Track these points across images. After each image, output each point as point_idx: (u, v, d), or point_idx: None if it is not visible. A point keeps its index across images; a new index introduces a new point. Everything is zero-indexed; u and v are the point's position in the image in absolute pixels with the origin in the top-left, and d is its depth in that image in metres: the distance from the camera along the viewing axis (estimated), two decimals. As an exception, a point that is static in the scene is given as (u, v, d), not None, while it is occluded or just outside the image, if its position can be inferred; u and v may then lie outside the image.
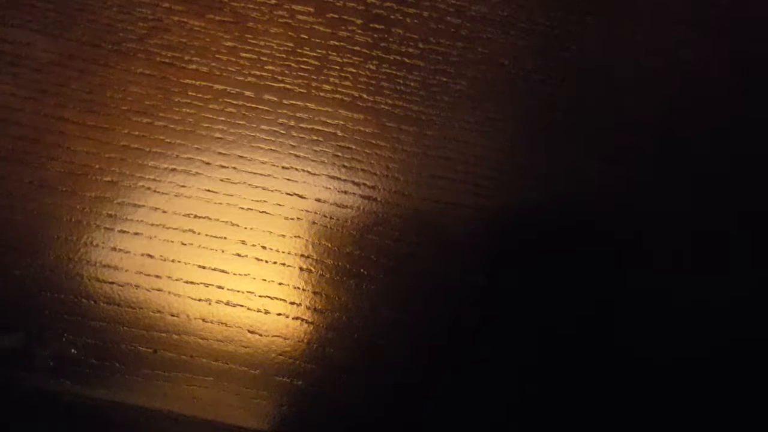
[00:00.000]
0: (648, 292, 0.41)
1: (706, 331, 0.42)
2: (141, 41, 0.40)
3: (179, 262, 0.40)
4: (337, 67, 0.41)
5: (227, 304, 0.40)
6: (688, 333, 0.41)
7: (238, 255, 0.40)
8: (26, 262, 0.39)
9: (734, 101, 0.42)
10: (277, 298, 0.40)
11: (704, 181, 0.42)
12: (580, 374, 0.41)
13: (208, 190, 0.40)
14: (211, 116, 0.40)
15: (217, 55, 0.40)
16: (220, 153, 0.40)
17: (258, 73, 0.40)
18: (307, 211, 0.40)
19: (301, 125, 0.41)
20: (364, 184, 0.41)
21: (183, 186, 0.40)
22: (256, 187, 0.40)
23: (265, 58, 0.40)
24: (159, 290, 0.40)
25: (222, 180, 0.40)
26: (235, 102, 0.40)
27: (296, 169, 0.40)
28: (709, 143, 0.42)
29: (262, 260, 0.40)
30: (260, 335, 0.40)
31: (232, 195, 0.40)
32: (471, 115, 0.41)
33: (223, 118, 0.40)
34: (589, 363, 0.41)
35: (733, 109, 0.42)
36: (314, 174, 0.41)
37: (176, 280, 0.40)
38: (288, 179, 0.40)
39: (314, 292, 0.40)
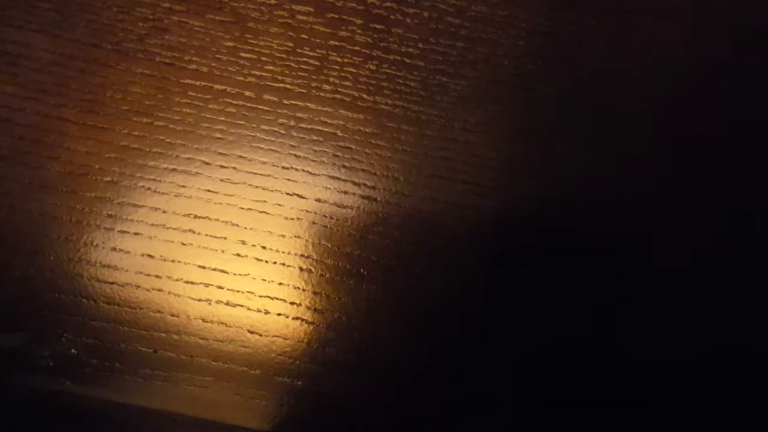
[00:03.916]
0: (648, 292, 0.41)
1: (707, 332, 0.42)
2: (141, 41, 0.40)
3: (179, 262, 0.40)
4: (337, 67, 0.41)
5: (227, 304, 0.40)
6: (688, 333, 0.41)
7: (238, 255, 0.40)
8: (26, 262, 0.39)
9: (734, 101, 0.42)
10: (277, 298, 0.40)
11: (704, 181, 0.42)
12: (581, 374, 0.41)
13: (208, 190, 0.40)
14: (211, 116, 0.40)
15: (217, 55, 0.40)
16: (220, 153, 0.40)
17: (258, 73, 0.40)
18: (307, 211, 0.40)
19: (301, 125, 0.41)
20: (364, 184, 0.41)
21: (183, 186, 0.40)
22: (256, 187, 0.40)
23: (265, 58, 0.40)
24: (159, 290, 0.40)
25: (222, 180, 0.40)
26: (235, 102, 0.40)
27: (296, 169, 0.40)
28: (709, 143, 0.42)
29: (262, 260, 0.40)
30: (260, 335, 0.40)
31: (232, 195, 0.40)
32: (471, 115, 0.41)
33: (223, 118, 0.40)
34: (590, 363, 0.41)
35: (733, 109, 0.42)
36: (314, 174, 0.41)
37: (176, 280, 0.40)
38: (288, 179, 0.40)
39: (314, 292, 0.40)
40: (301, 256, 0.40)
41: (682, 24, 0.42)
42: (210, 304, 0.40)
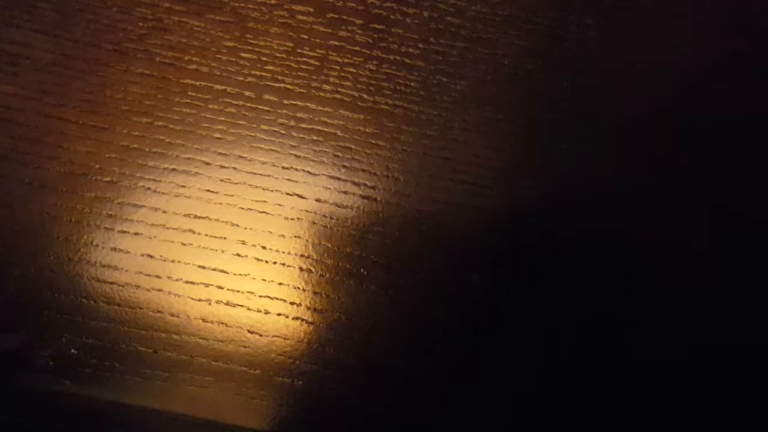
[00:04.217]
0: (648, 292, 0.41)
1: (707, 332, 0.42)
2: (141, 41, 0.40)
3: (179, 262, 0.40)
4: (337, 67, 0.41)
5: (227, 304, 0.40)
6: (689, 333, 0.41)
7: (238, 255, 0.40)
8: (26, 262, 0.39)
9: (734, 101, 0.42)
10: (277, 298, 0.40)
11: (704, 181, 0.42)
12: (580, 375, 0.41)
13: (208, 190, 0.40)
14: (211, 116, 0.40)
15: (217, 55, 0.40)
16: (220, 153, 0.40)
17: (258, 73, 0.40)
18: (307, 211, 0.40)
19: (301, 125, 0.41)
20: (364, 184, 0.41)
21: (183, 186, 0.40)
22: (256, 187, 0.40)
23: (265, 58, 0.40)
24: (159, 290, 0.40)
25: (222, 180, 0.40)
26: (235, 102, 0.40)
27: (296, 169, 0.40)
28: (709, 143, 0.42)
29: (262, 260, 0.40)
30: (260, 335, 0.40)
31: (232, 195, 0.40)
32: (471, 115, 0.41)
33: (223, 118, 0.40)
34: (589, 364, 0.41)
35: (733, 109, 0.42)
36: (314, 174, 0.41)
37: (176, 280, 0.40)
38: (288, 179, 0.40)
39: (314, 292, 0.40)
40: (301, 256, 0.40)
41: (682, 24, 0.42)
42: (210, 304, 0.40)
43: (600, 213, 0.42)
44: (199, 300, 0.40)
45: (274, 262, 0.40)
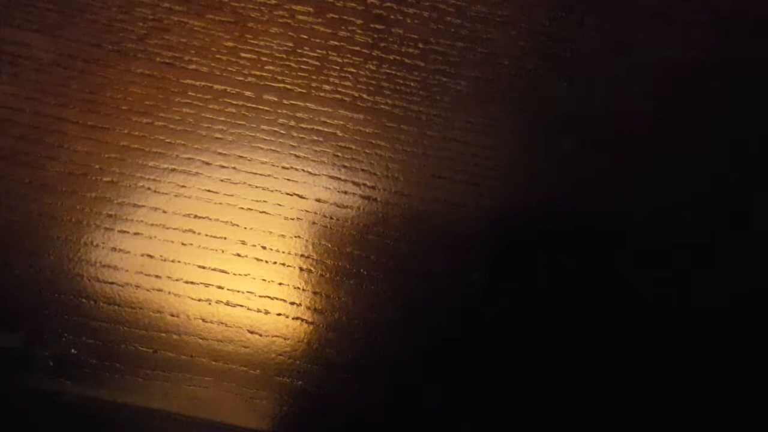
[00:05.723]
0: (647, 292, 0.41)
1: (706, 332, 0.42)
2: (141, 41, 0.40)
3: (179, 262, 0.40)
4: (337, 67, 0.41)
5: (227, 304, 0.40)
6: (688, 333, 0.41)
7: (238, 255, 0.40)
8: (26, 262, 0.39)
9: (734, 101, 0.42)
10: (277, 298, 0.40)
11: (704, 181, 0.42)
12: (581, 375, 0.41)
13: (208, 190, 0.40)
14: (211, 116, 0.40)
15: (217, 55, 0.40)
16: (220, 153, 0.40)
17: (258, 73, 0.40)
18: (307, 211, 0.40)
19: (301, 125, 0.41)
20: (364, 184, 0.41)
21: (183, 186, 0.40)
22: (256, 187, 0.40)
23: (265, 58, 0.40)
24: (159, 290, 0.40)
25: (222, 180, 0.40)
26: (235, 102, 0.40)
27: (296, 169, 0.40)
28: (709, 143, 0.42)
29: (262, 260, 0.40)
30: (260, 335, 0.40)
31: (232, 195, 0.40)
32: (471, 115, 0.41)
33: (223, 118, 0.40)
34: (590, 364, 0.41)
35: (733, 109, 0.42)
36: (314, 174, 0.41)
37: (176, 280, 0.40)
38: (288, 179, 0.40)
39: (314, 292, 0.40)
40: (301, 256, 0.40)
41: (682, 24, 0.42)
42: (210, 304, 0.40)
43: (600, 213, 0.42)
44: (199, 300, 0.40)
45: (274, 262, 0.40)
